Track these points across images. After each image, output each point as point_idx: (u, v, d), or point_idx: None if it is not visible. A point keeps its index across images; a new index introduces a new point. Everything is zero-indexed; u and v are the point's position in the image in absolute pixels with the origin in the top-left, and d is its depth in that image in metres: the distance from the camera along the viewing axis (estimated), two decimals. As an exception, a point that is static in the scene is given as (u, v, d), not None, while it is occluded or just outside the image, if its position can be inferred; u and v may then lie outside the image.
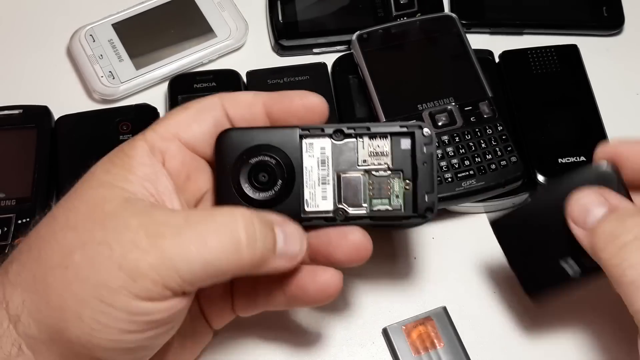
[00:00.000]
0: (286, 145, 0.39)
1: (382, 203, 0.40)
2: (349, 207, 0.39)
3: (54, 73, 0.61)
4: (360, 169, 0.40)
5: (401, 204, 0.40)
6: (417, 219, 0.39)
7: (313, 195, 0.39)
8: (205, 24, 0.62)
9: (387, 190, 0.40)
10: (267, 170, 0.39)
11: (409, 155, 0.40)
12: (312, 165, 0.39)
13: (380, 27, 0.59)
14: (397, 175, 0.40)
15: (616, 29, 0.64)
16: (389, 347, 0.49)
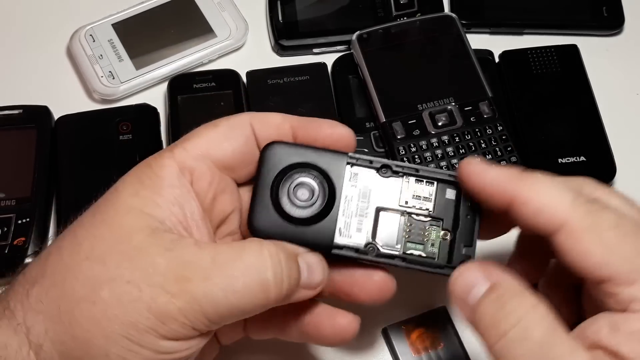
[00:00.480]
0: (331, 169, 0.38)
1: (416, 248, 0.39)
2: (381, 245, 0.39)
3: (54, 73, 0.61)
4: (400, 209, 0.39)
5: (436, 252, 0.39)
6: (449, 270, 0.38)
7: (348, 225, 0.38)
8: (205, 24, 0.62)
9: (423, 236, 0.39)
10: (308, 189, 0.38)
11: (452, 205, 0.39)
12: (352, 195, 0.38)
13: (380, 27, 0.59)
14: (436, 224, 0.39)
15: (616, 29, 0.64)
16: (389, 347, 0.50)
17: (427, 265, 0.39)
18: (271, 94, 0.58)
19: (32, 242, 0.52)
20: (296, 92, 0.58)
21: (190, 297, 0.34)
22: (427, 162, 0.53)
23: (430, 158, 0.53)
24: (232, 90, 0.58)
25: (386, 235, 0.39)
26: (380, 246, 0.38)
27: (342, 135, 0.39)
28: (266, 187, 0.38)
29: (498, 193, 0.35)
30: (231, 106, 0.57)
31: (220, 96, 0.58)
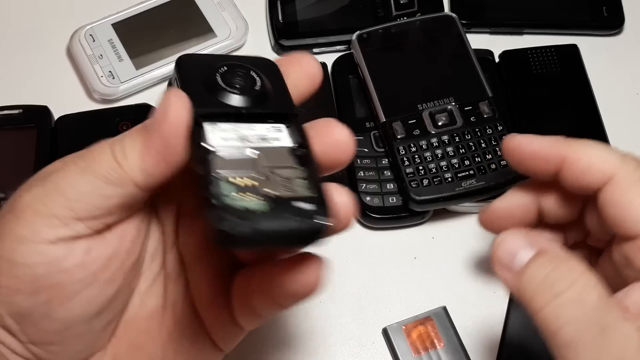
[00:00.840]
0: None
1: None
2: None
3: (54, 73, 0.61)
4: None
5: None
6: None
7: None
8: (205, 24, 0.62)
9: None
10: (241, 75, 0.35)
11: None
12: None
13: (380, 27, 0.59)
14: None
15: (616, 29, 0.64)
16: (389, 347, 0.50)
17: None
18: (271, 93, 0.58)
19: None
20: (296, 92, 0.58)
21: (43, 183, 0.32)
22: (427, 162, 0.53)
23: (430, 158, 0.53)
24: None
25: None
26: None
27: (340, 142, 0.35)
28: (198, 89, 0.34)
29: (549, 156, 0.38)
30: (231, 106, 0.57)
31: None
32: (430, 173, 0.53)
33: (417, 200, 0.52)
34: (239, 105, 0.34)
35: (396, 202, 0.54)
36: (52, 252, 0.31)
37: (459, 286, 0.53)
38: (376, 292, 0.52)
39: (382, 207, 0.54)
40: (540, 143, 0.39)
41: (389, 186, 0.54)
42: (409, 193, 0.52)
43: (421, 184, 0.52)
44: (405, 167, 0.53)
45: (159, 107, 0.31)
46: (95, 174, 0.32)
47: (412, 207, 0.53)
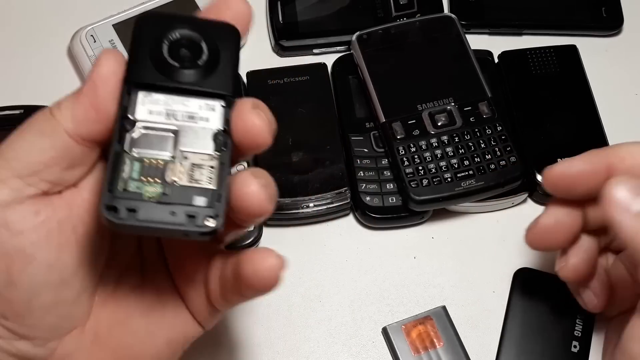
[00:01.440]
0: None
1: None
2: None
3: (55, 73, 0.61)
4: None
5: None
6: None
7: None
8: (206, 25, 0.62)
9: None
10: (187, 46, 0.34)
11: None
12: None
13: (380, 27, 0.59)
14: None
15: (615, 29, 0.64)
16: (389, 346, 0.50)
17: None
18: (271, 94, 0.58)
19: None
20: (296, 92, 0.58)
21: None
22: (427, 162, 0.53)
23: (429, 158, 0.53)
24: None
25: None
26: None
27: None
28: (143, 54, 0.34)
29: (595, 170, 0.39)
30: (231, 106, 0.57)
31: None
32: (429, 173, 0.53)
33: (416, 200, 0.53)
34: (177, 79, 0.33)
35: (396, 202, 0.54)
36: (0, 215, 0.31)
37: (458, 286, 0.53)
38: (376, 292, 0.52)
39: (382, 207, 0.54)
40: (580, 162, 0.40)
41: (389, 186, 0.54)
42: (409, 193, 0.52)
43: (421, 184, 0.53)
44: (404, 167, 0.53)
45: (95, 67, 0.33)
46: (31, 131, 0.33)
47: (412, 207, 0.53)
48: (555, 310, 0.51)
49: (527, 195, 0.56)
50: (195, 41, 0.34)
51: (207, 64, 0.34)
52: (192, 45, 0.34)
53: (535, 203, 0.56)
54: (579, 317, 0.50)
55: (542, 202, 0.56)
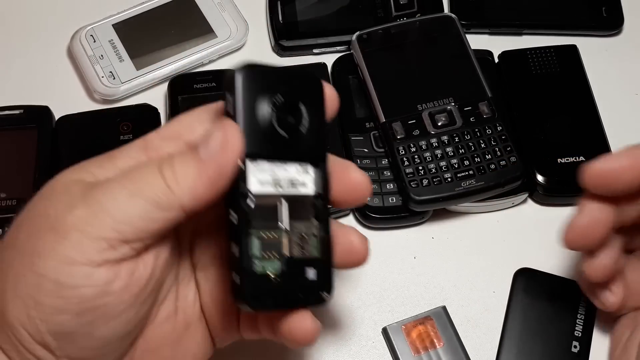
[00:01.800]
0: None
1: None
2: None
3: (55, 73, 0.61)
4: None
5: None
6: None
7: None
8: (206, 25, 0.62)
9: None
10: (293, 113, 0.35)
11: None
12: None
13: (380, 27, 0.59)
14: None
15: (615, 29, 0.64)
16: (389, 346, 0.50)
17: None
18: (271, 94, 0.58)
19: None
20: (296, 92, 0.58)
21: (91, 201, 0.31)
22: (427, 162, 0.53)
23: (429, 158, 0.53)
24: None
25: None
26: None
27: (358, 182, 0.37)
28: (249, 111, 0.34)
29: (635, 165, 0.38)
30: (231, 106, 0.57)
31: (220, 96, 0.58)
32: (429, 173, 0.53)
33: (416, 200, 0.52)
34: (283, 147, 0.34)
35: (396, 202, 0.54)
36: (99, 274, 0.31)
37: (458, 286, 0.53)
38: (376, 292, 0.52)
39: (382, 207, 0.54)
40: (623, 158, 0.39)
41: (389, 186, 0.54)
42: (409, 193, 0.52)
43: (421, 184, 0.53)
44: (405, 167, 0.53)
45: (216, 135, 0.32)
46: (145, 198, 0.32)
47: (412, 207, 0.53)
48: (555, 310, 0.51)
49: (527, 195, 0.56)
50: (296, 104, 0.35)
51: (307, 130, 0.35)
52: (294, 110, 0.35)
53: (535, 203, 0.56)
54: (579, 317, 0.50)
55: (542, 202, 0.56)
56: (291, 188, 0.35)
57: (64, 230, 0.31)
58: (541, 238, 0.54)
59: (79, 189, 0.32)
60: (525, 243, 0.54)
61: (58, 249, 0.31)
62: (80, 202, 0.32)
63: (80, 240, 0.31)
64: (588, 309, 0.50)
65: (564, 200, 0.55)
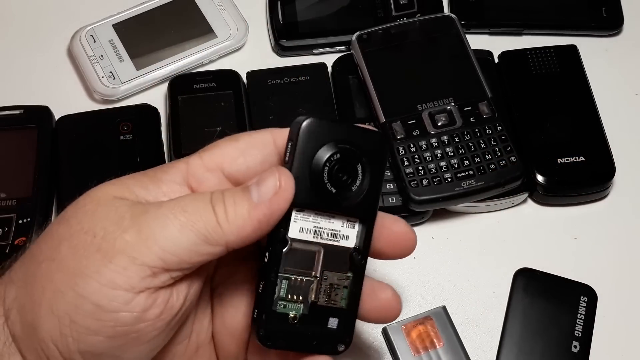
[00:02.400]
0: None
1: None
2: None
3: (55, 73, 0.61)
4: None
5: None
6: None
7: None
8: (206, 25, 0.62)
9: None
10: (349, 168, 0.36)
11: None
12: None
13: (380, 27, 0.59)
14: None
15: (615, 29, 0.64)
16: (389, 346, 0.50)
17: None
18: (271, 94, 0.58)
19: (33, 241, 0.52)
20: (296, 92, 0.58)
21: (141, 227, 0.32)
22: (427, 162, 0.53)
23: (429, 158, 0.53)
24: (232, 91, 0.58)
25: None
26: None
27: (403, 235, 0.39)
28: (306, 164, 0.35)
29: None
30: (231, 106, 0.57)
31: (220, 96, 0.58)
32: (429, 173, 0.53)
33: (416, 201, 0.53)
34: (332, 201, 0.35)
35: (396, 202, 0.54)
36: (138, 301, 0.32)
37: (458, 286, 0.53)
38: (376, 292, 0.52)
39: (382, 207, 0.54)
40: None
41: (389, 186, 0.54)
42: (409, 193, 0.52)
43: (421, 184, 0.53)
44: (404, 167, 0.53)
45: (271, 181, 0.33)
46: (195, 232, 0.32)
47: (412, 207, 0.53)
48: (555, 310, 0.51)
49: (527, 195, 0.56)
50: (352, 163, 0.35)
51: (358, 188, 0.36)
52: (349, 168, 0.35)
53: (535, 203, 0.56)
54: (579, 317, 0.50)
55: (542, 202, 0.56)
56: (332, 239, 0.36)
57: (111, 254, 0.31)
58: (541, 238, 0.54)
59: (126, 209, 0.33)
60: (525, 243, 0.54)
61: (103, 271, 0.31)
62: (130, 227, 0.32)
63: (127, 266, 0.31)
64: (588, 309, 0.50)
65: (563, 200, 0.55)
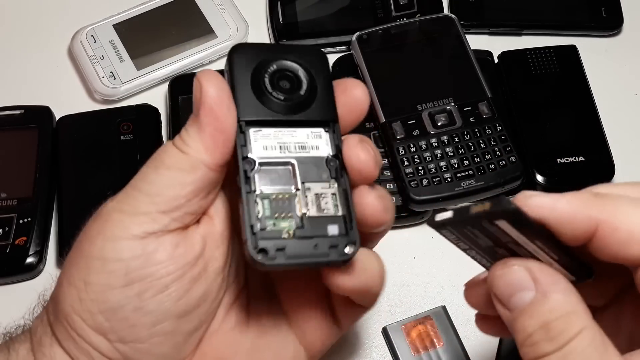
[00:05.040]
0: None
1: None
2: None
3: (55, 73, 0.61)
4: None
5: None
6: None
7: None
8: (206, 25, 0.62)
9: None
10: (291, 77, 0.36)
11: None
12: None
13: (380, 27, 0.59)
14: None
15: (615, 29, 0.64)
16: (389, 346, 0.50)
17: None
18: (271, 94, 0.58)
19: (33, 241, 0.52)
20: (296, 92, 0.58)
21: (126, 189, 0.34)
22: (427, 162, 0.53)
23: (429, 158, 0.53)
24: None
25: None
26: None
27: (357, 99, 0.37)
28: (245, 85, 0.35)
29: (579, 221, 0.30)
30: (232, 106, 0.57)
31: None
32: (429, 173, 0.53)
33: (416, 200, 0.53)
34: (283, 112, 0.35)
35: (396, 202, 0.54)
36: (143, 246, 0.33)
37: (458, 286, 0.52)
38: (376, 292, 0.52)
39: (381, 207, 0.54)
40: (566, 202, 0.30)
41: (389, 186, 0.54)
42: (409, 193, 0.53)
43: (420, 184, 0.53)
44: (404, 167, 0.53)
45: (195, 92, 0.33)
46: (168, 167, 0.33)
47: (412, 207, 0.53)
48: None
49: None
50: (293, 71, 0.35)
51: (307, 93, 0.35)
52: (291, 76, 0.35)
53: (535, 203, 0.56)
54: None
55: (542, 202, 0.56)
56: (302, 152, 0.35)
57: (105, 214, 0.34)
58: (541, 238, 0.54)
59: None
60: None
61: (102, 230, 0.33)
62: (121, 192, 0.34)
63: (121, 219, 0.33)
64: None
65: (563, 200, 0.55)
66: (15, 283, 0.52)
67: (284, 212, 0.33)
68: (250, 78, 0.35)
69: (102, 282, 0.33)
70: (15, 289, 0.52)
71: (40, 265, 0.52)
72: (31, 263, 0.52)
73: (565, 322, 0.29)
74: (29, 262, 0.52)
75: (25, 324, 0.37)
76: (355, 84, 0.37)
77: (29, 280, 0.52)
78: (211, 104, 0.33)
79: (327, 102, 0.36)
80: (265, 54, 0.36)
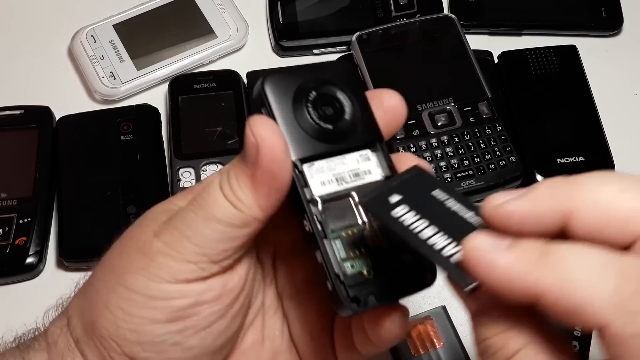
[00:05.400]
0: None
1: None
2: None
3: (55, 74, 0.61)
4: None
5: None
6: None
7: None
8: (206, 25, 0.62)
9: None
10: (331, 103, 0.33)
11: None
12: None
13: (380, 28, 0.59)
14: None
15: (615, 29, 0.64)
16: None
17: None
18: (271, 94, 0.58)
19: (33, 241, 0.52)
20: (296, 92, 0.58)
21: (170, 231, 0.32)
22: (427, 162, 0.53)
23: (429, 158, 0.53)
24: (232, 91, 0.58)
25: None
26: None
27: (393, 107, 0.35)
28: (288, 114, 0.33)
29: (518, 289, 0.27)
30: (232, 107, 0.57)
31: (220, 97, 0.58)
32: (429, 173, 0.53)
33: (416, 200, 0.53)
34: (334, 141, 0.33)
35: (396, 202, 0.54)
36: (191, 288, 0.32)
37: (458, 286, 0.53)
38: (376, 292, 0.52)
39: (381, 207, 0.54)
40: (506, 264, 0.27)
41: (389, 186, 0.54)
42: (409, 193, 0.52)
43: (421, 184, 0.53)
44: (404, 167, 0.53)
45: (247, 140, 0.31)
46: (218, 222, 0.32)
47: (412, 207, 0.53)
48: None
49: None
50: (332, 94, 0.33)
51: (351, 116, 0.33)
52: (332, 100, 0.33)
53: (535, 203, 0.56)
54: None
55: (542, 202, 0.56)
56: (357, 179, 0.33)
57: (151, 253, 0.32)
58: (541, 238, 0.54)
59: (165, 217, 0.33)
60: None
61: (147, 268, 0.32)
62: (162, 230, 0.33)
63: (169, 264, 0.32)
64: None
65: (563, 200, 0.55)
66: (15, 283, 0.52)
67: (357, 250, 0.32)
68: (293, 111, 0.32)
69: (144, 315, 0.32)
70: (16, 289, 0.52)
71: (40, 265, 0.52)
72: (31, 263, 0.52)
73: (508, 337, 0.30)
74: (29, 262, 0.51)
75: (38, 327, 0.37)
76: (390, 94, 0.35)
77: (28, 281, 0.52)
78: (272, 163, 0.31)
79: (368, 121, 0.34)
80: (296, 79, 0.33)
